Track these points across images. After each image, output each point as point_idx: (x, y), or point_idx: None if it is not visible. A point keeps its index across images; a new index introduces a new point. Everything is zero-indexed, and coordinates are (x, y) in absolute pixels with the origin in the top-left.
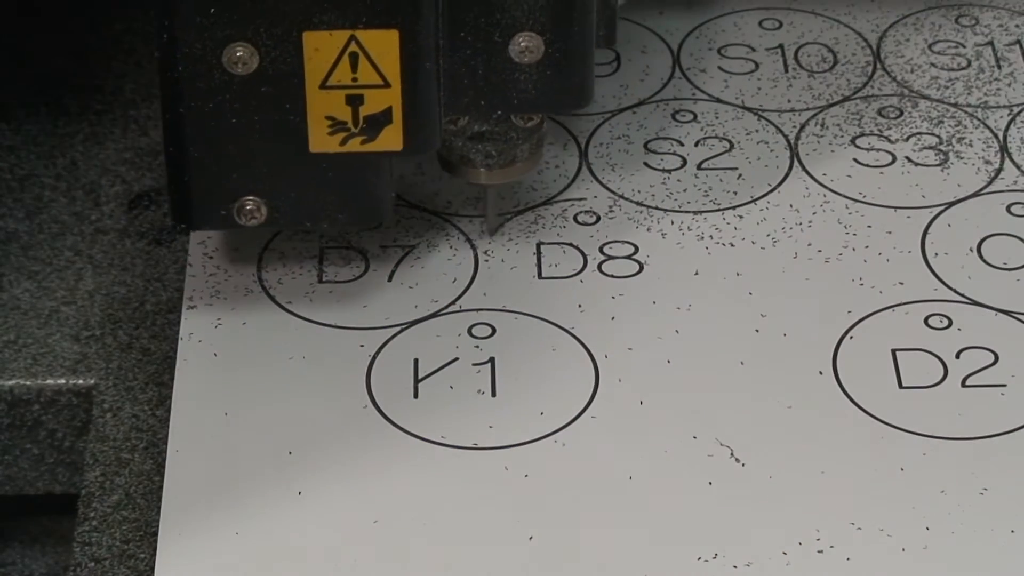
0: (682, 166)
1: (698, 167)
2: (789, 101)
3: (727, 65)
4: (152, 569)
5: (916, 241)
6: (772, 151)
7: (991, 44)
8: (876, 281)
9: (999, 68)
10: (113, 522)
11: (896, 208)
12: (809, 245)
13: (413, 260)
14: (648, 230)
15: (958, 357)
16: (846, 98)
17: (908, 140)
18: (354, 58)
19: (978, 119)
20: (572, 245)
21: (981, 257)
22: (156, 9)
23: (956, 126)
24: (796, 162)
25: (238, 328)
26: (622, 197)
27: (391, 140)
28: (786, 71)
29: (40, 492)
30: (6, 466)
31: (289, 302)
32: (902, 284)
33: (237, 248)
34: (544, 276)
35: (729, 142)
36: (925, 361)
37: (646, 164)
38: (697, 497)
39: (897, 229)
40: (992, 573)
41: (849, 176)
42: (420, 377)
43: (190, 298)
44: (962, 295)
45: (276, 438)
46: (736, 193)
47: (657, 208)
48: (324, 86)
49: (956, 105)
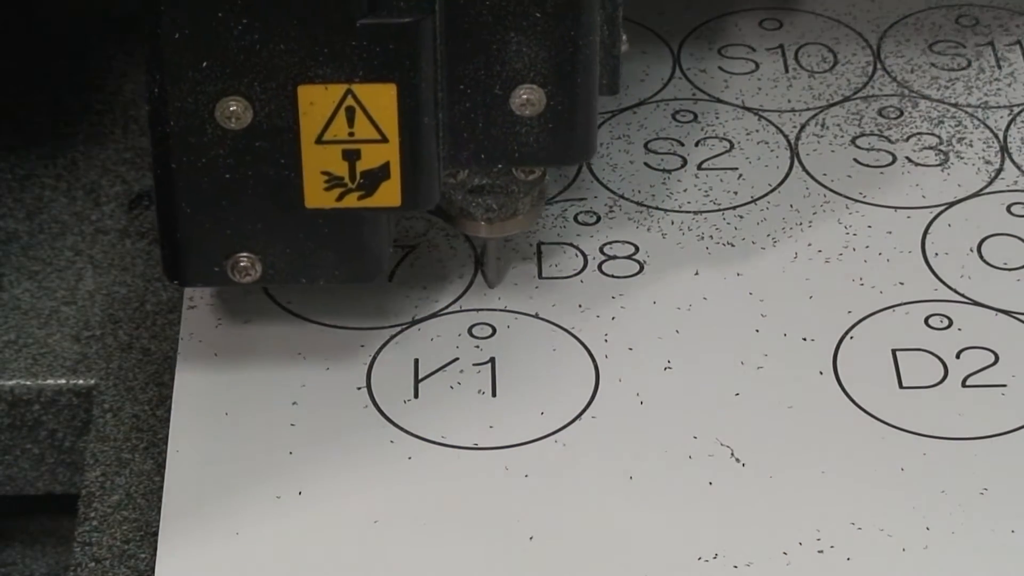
0: (682, 166)
1: (698, 167)
2: (789, 101)
3: (727, 65)
4: (152, 569)
5: (916, 241)
6: (772, 151)
7: (991, 44)
8: (876, 281)
9: (999, 68)
10: (113, 522)
11: (896, 208)
12: (809, 245)
13: (413, 260)
14: (648, 230)
15: (958, 357)
16: (846, 98)
17: (908, 140)
18: (350, 112)
19: (978, 119)
20: (572, 245)
21: (981, 257)
22: (147, 62)
23: (956, 126)
24: (796, 162)
25: (238, 328)
26: (622, 197)
27: (389, 196)
28: (786, 71)
29: (40, 492)
30: (6, 466)
31: (289, 302)
32: (902, 284)
33: None
34: (544, 276)
35: (729, 142)
36: (925, 361)
37: (646, 164)
38: (697, 497)
39: (897, 229)
40: (992, 573)
41: (849, 176)
42: (420, 377)
43: (190, 298)
44: (962, 295)
45: (276, 438)
46: (736, 193)
47: (657, 208)
48: (320, 141)
49: (956, 105)
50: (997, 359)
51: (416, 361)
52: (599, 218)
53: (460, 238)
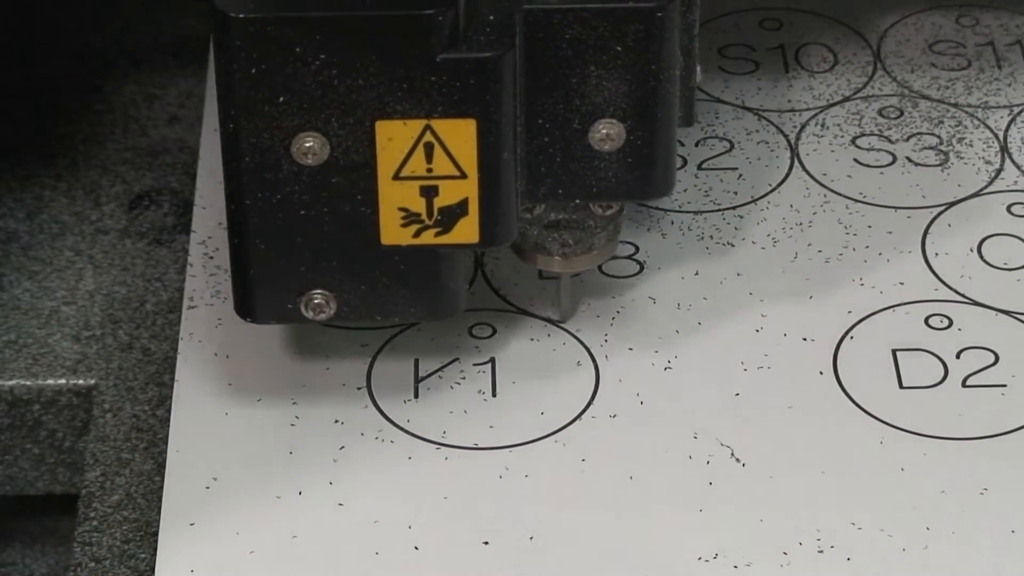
0: (682, 166)
1: (698, 167)
2: (789, 101)
3: (727, 65)
4: (152, 569)
5: (916, 241)
6: (772, 151)
7: (991, 44)
8: (876, 281)
9: (999, 68)
10: (113, 522)
11: (896, 208)
12: (809, 245)
13: None
14: (648, 230)
15: (958, 357)
16: (846, 98)
17: (908, 140)
18: (429, 148)
19: (978, 119)
20: None
21: (981, 257)
22: (221, 97)
23: (956, 126)
24: (796, 162)
25: (238, 328)
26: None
27: (467, 232)
28: (786, 71)
29: (40, 492)
30: (6, 466)
31: None
32: (902, 284)
33: None
34: (545, 276)
35: (729, 142)
36: (925, 361)
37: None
38: (697, 497)
39: (897, 229)
40: (992, 573)
41: (849, 176)
42: (420, 377)
43: (190, 298)
44: (962, 295)
45: (276, 438)
46: (736, 193)
47: (657, 208)
48: (397, 177)
49: (956, 105)
50: (997, 359)
51: (416, 361)
52: None
53: None
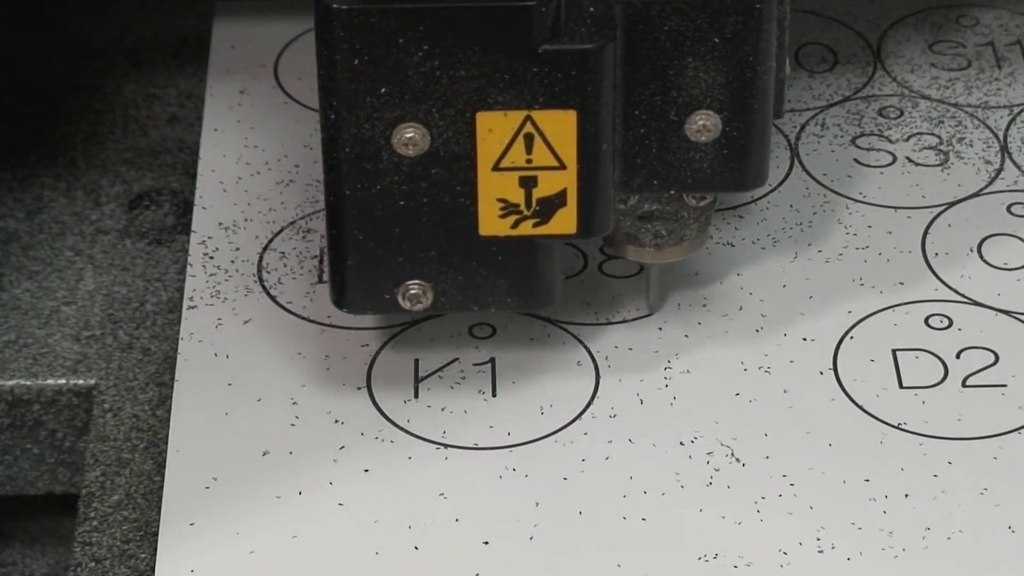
0: None
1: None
2: (789, 101)
3: None
4: (152, 569)
5: (916, 241)
6: (772, 151)
7: (991, 44)
8: (876, 281)
9: (999, 68)
10: (113, 522)
11: (896, 208)
12: (809, 245)
13: None
14: None
15: (958, 357)
16: (846, 98)
17: (908, 140)
18: (529, 139)
19: (978, 119)
20: (572, 245)
21: (981, 257)
22: (322, 87)
23: (956, 126)
24: (796, 162)
25: (238, 328)
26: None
27: (564, 223)
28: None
29: (40, 492)
30: (6, 466)
31: (289, 302)
32: (902, 284)
33: (238, 248)
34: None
35: None
36: (925, 361)
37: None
38: (697, 497)
39: (897, 229)
40: (992, 573)
41: (849, 176)
42: (420, 377)
43: (190, 298)
44: (962, 295)
45: (276, 438)
46: (737, 193)
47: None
48: (497, 168)
49: (956, 105)
50: (997, 359)
51: (416, 361)
52: None
53: None
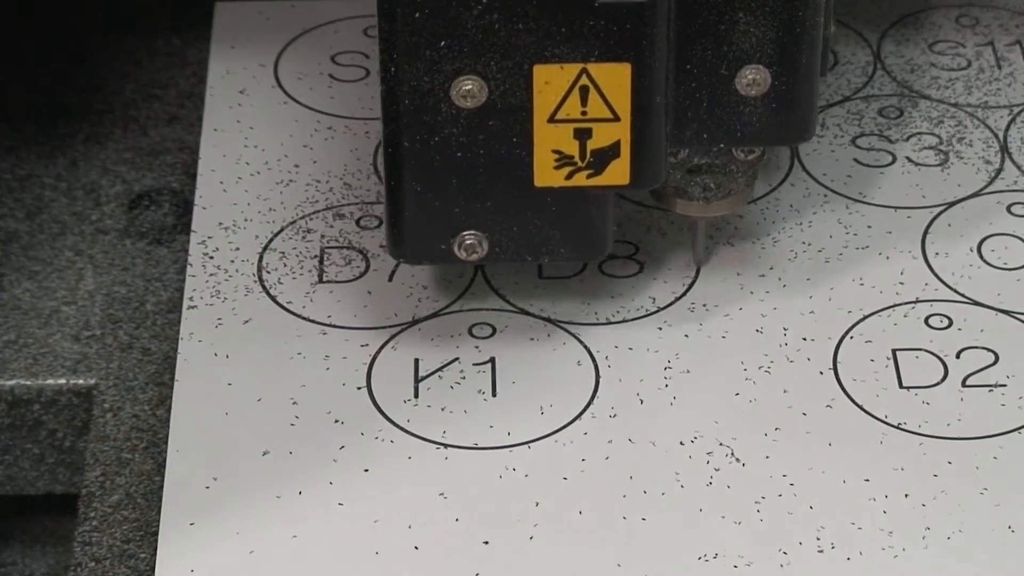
0: None
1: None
2: None
3: None
4: (152, 569)
5: (916, 241)
6: (772, 151)
7: (991, 44)
8: (876, 281)
9: (999, 68)
10: (113, 522)
11: (896, 208)
12: (809, 245)
13: None
14: (648, 230)
15: (958, 357)
16: (846, 98)
17: (908, 140)
18: (584, 92)
19: (978, 119)
20: None
21: (981, 257)
22: (383, 40)
23: (956, 126)
24: (796, 162)
25: (238, 328)
26: (622, 197)
27: (618, 174)
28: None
29: (40, 492)
30: (6, 466)
31: (289, 302)
32: (902, 284)
33: (238, 248)
34: (544, 276)
35: None
36: (925, 361)
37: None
38: (697, 497)
39: (897, 229)
40: (992, 573)
41: (849, 176)
42: (420, 377)
43: (190, 298)
44: (962, 295)
45: (276, 438)
46: None
47: (657, 208)
48: (552, 120)
49: (956, 105)
50: (997, 359)
51: (416, 361)
52: None
53: None
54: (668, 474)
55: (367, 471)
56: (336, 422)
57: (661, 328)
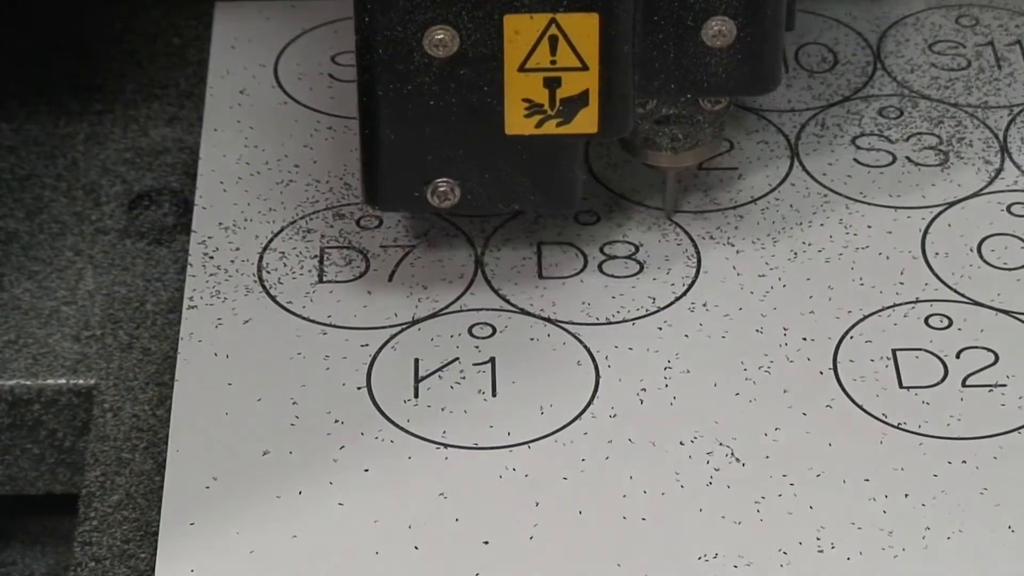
0: None
1: (698, 167)
2: (789, 101)
3: None
4: (152, 569)
5: (916, 241)
6: (772, 151)
7: (991, 44)
8: (876, 281)
9: (999, 68)
10: (113, 522)
11: (896, 208)
12: (809, 245)
13: (413, 260)
14: (648, 230)
15: (958, 357)
16: (846, 98)
17: (908, 140)
18: (553, 41)
19: (978, 119)
20: (572, 245)
21: (981, 257)
22: None
23: (956, 126)
24: (796, 162)
25: (238, 328)
26: (622, 197)
27: (587, 123)
28: (786, 71)
29: (40, 492)
30: (6, 466)
31: (289, 302)
32: (902, 284)
33: (238, 248)
34: (544, 276)
35: (729, 142)
36: (925, 361)
37: (647, 164)
38: (697, 497)
39: (897, 229)
40: (992, 573)
41: (849, 176)
42: (420, 377)
43: (190, 298)
44: (962, 295)
45: (276, 438)
46: (736, 193)
47: (657, 208)
48: (522, 69)
49: (956, 105)
50: (997, 359)
51: (416, 361)
52: (599, 218)
53: (460, 237)
54: (668, 474)
55: (367, 471)
56: (336, 422)
57: (661, 328)
